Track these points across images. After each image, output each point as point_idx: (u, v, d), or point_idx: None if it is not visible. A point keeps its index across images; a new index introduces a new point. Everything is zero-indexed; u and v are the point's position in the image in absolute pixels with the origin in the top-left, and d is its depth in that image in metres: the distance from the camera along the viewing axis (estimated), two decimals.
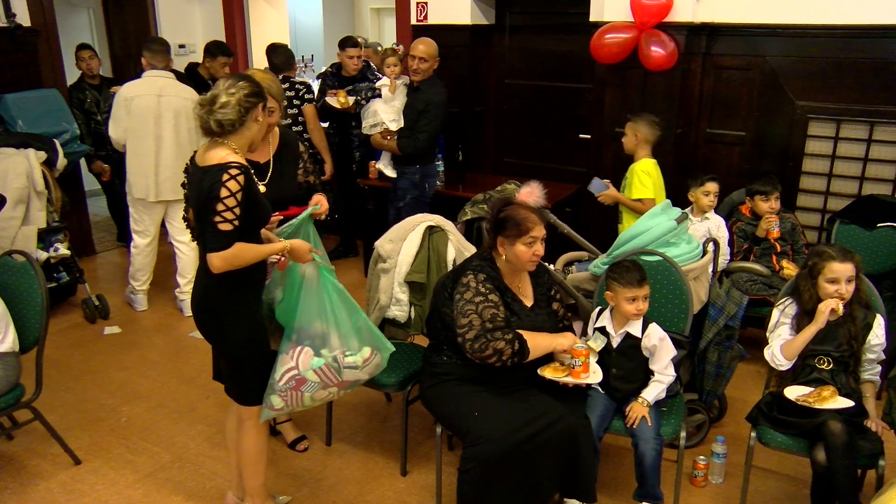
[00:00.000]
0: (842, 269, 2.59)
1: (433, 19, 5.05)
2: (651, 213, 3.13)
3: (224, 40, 6.09)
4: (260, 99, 2.31)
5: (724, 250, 3.71)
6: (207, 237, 2.20)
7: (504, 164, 5.43)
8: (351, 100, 4.81)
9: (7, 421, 3.12)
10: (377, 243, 3.28)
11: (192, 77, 5.18)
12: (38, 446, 3.18)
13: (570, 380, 2.50)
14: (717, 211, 4.06)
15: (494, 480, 2.40)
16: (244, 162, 2.25)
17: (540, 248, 2.51)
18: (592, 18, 4.34)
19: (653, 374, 2.65)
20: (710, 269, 3.31)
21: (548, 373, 2.52)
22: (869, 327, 2.61)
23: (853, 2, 3.76)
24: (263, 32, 6.19)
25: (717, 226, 3.70)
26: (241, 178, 2.18)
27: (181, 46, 5.92)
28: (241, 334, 2.40)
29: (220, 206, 2.16)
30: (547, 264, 3.47)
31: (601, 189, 3.89)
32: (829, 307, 2.54)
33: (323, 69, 5.61)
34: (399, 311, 3.22)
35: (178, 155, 4.28)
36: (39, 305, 2.89)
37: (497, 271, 2.56)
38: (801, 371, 2.66)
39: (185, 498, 2.90)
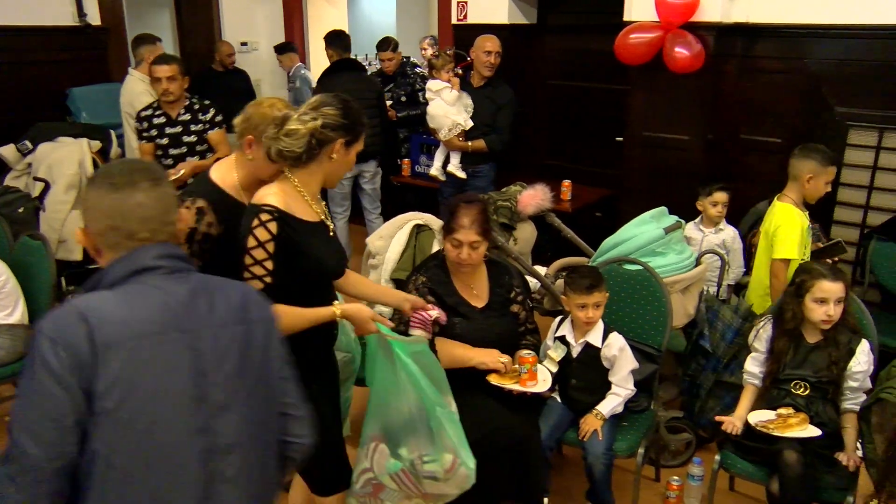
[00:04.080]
0: (832, 289, 2.40)
1: (472, 19, 5.05)
2: (639, 219, 3.02)
3: (284, 39, 6.34)
4: (340, 134, 1.90)
5: (739, 262, 3.52)
6: None
7: (546, 167, 5.34)
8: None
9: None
10: (368, 239, 3.34)
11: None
12: None
13: (515, 387, 2.45)
14: (742, 221, 3.85)
15: None
16: (283, 206, 1.86)
17: (465, 253, 2.41)
18: (625, 18, 4.20)
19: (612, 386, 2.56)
20: (716, 283, 3.17)
21: (494, 379, 2.48)
22: (852, 353, 2.41)
23: None
24: (323, 31, 6.37)
25: (731, 237, 3.50)
26: (272, 226, 1.82)
27: (243, 44, 6.21)
28: None
29: (247, 260, 1.83)
30: (541, 268, 3.43)
31: None
32: None
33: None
34: (385, 308, 3.26)
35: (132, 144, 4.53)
36: (48, 283, 3.13)
37: (446, 272, 2.54)
38: (777, 395, 2.49)
39: None
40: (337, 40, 4.92)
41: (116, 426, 1.18)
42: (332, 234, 2.04)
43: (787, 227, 2.90)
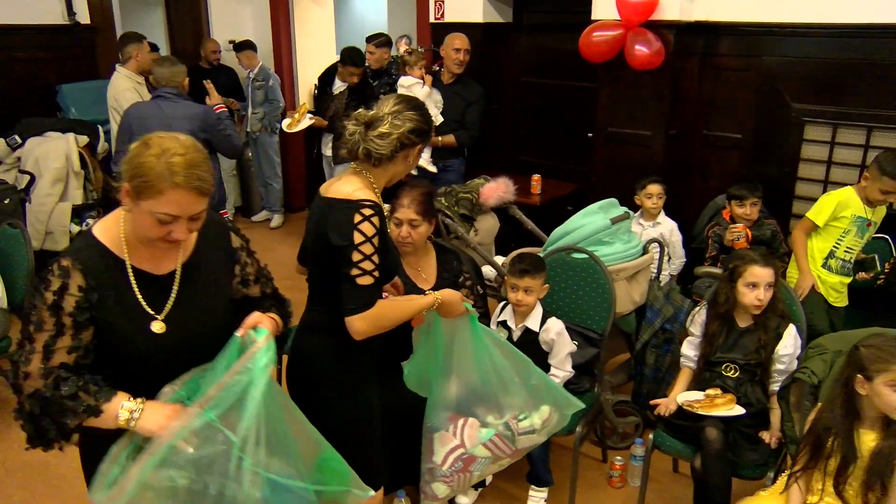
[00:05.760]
0: (762, 274, 2.52)
1: (449, 17, 5.17)
2: (587, 210, 3.14)
3: (271, 38, 6.47)
4: (422, 140, 1.95)
5: (679, 253, 3.64)
6: (345, 296, 1.81)
7: (519, 162, 5.46)
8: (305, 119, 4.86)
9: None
10: None
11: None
12: None
13: None
14: (702, 214, 3.97)
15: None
16: (377, 199, 1.90)
17: (405, 231, 2.50)
18: (592, 17, 4.31)
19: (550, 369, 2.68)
20: (655, 270, 3.28)
21: None
22: (780, 337, 2.53)
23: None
24: (309, 30, 6.51)
25: (669, 230, 3.62)
26: (375, 220, 1.83)
27: (231, 42, 6.33)
28: (343, 412, 1.99)
29: (356, 256, 1.79)
30: (501, 258, 3.56)
31: None
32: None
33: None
34: None
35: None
36: (26, 270, 3.28)
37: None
38: (708, 378, 2.61)
39: None
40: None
41: None
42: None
43: (827, 197, 3.20)
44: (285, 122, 4.93)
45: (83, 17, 5.46)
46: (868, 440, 1.98)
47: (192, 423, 1.44)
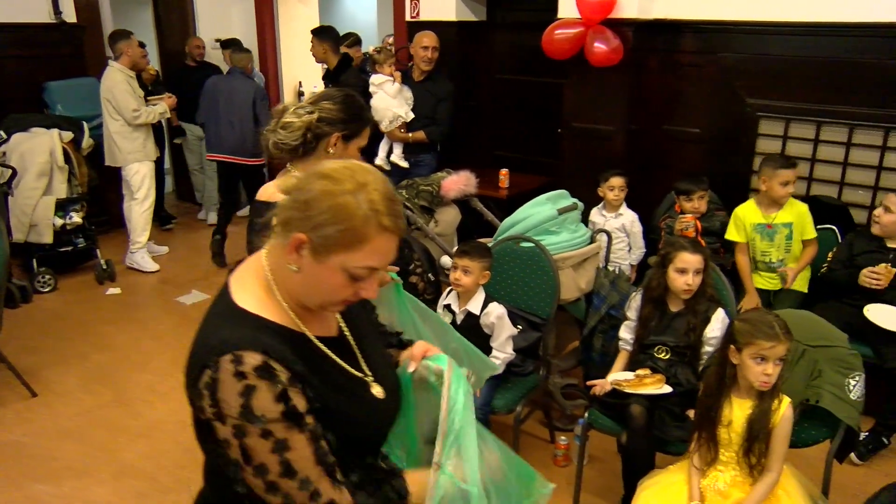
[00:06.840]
0: (691, 260, 2.64)
1: (424, 16, 5.30)
2: (535, 201, 3.26)
3: (256, 36, 6.62)
4: (338, 128, 1.87)
5: (639, 244, 3.76)
6: None
7: (496, 157, 5.58)
8: None
9: None
10: None
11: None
12: (9, 379, 3.72)
13: None
14: (658, 207, 4.09)
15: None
16: None
17: None
18: (558, 15, 4.43)
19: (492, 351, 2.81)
20: (603, 258, 3.40)
21: None
22: (708, 320, 2.65)
23: None
24: (294, 29, 6.66)
25: (630, 221, 3.74)
26: None
27: (217, 41, 6.48)
28: None
29: None
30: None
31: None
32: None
33: None
34: None
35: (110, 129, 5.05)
36: (3, 259, 3.43)
37: None
38: (641, 359, 2.73)
39: (110, 432, 3.35)
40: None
41: None
42: None
43: (732, 215, 3.58)
44: None
45: (69, 15, 5.60)
46: (745, 407, 2.11)
47: (439, 492, 1.21)
